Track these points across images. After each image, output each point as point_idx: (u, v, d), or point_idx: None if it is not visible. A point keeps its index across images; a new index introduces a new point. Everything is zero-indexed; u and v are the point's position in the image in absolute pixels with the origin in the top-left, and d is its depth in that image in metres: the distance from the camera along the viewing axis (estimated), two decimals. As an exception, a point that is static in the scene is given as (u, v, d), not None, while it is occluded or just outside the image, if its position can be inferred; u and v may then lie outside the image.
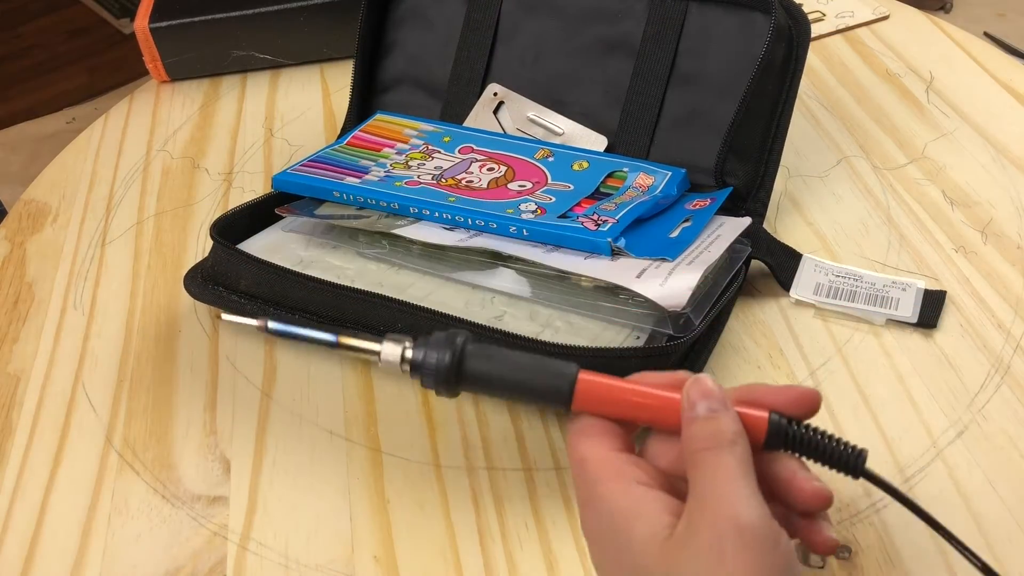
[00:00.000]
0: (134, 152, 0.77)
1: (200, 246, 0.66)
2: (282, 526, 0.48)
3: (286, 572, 0.46)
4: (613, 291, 0.52)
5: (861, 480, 0.37)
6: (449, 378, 0.38)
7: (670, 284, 0.50)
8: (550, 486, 0.48)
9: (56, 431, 0.54)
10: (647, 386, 0.37)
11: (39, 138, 2.01)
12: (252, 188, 0.71)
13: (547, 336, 0.51)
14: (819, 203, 0.64)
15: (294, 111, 0.80)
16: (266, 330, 0.41)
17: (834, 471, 0.38)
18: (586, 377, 0.38)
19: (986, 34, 1.97)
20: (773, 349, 0.54)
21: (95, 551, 0.47)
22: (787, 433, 0.37)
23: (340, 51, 0.85)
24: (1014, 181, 0.65)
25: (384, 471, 0.50)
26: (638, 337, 0.51)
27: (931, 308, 0.55)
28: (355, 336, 0.40)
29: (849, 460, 0.37)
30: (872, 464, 0.47)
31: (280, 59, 0.85)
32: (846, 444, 0.37)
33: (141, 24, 0.82)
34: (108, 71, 2.22)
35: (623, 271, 0.51)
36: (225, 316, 0.42)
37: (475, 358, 0.38)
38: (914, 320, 0.55)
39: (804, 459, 0.38)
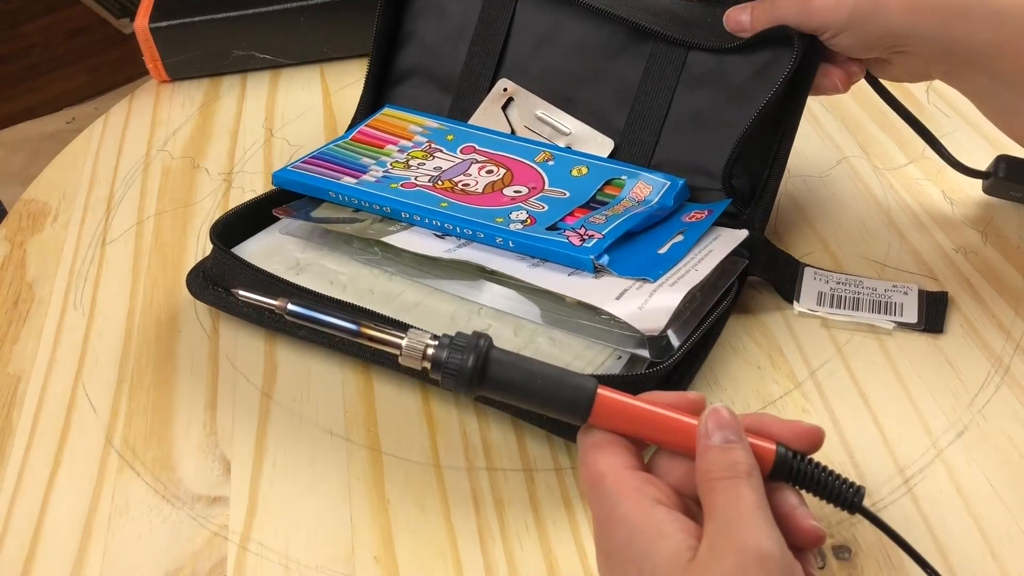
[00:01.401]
0: (134, 152, 0.77)
1: (200, 246, 0.66)
2: (282, 526, 0.48)
3: (286, 572, 0.46)
4: (595, 309, 0.51)
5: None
6: (471, 380, 0.38)
7: (649, 306, 0.49)
8: (550, 486, 0.48)
9: (56, 431, 0.54)
10: (662, 407, 0.38)
11: (39, 138, 2.01)
12: (252, 188, 0.71)
13: (529, 352, 0.51)
14: (819, 203, 0.64)
15: (294, 111, 0.80)
16: (286, 312, 0.40)
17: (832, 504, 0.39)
18: (605, 393, 0.38)
19: (986, 34, 1.96)
20: (773, 350, 0.54)
21: (95, 551, 0.47)
22: (792, 466, 0.38)
23: (340, 51, 0.85)
24: (1014, 181, 0.65)
25: (384, 471, 0.50)
26: (619, 357, 0.51)
27: (935, 311, 0.55)
28: (377, 327, 0.40)
29: (848, 497, 0.38)
30: (872, 464, 0.47)
31: (280, 59, 0.85)
32: (846, 481, 0.38)
33: (141, 24, 0.82)
34: (108, 71, 2.22)
35: (603, 291, 0.51)
36: (242, 293, 0.41)
37: (498, 364, 0.39)
38: (921, 326, 0.54)
39: (803, 492, 0.39)
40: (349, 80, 0.83)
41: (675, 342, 0.50)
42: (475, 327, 0.52)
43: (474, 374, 0.38)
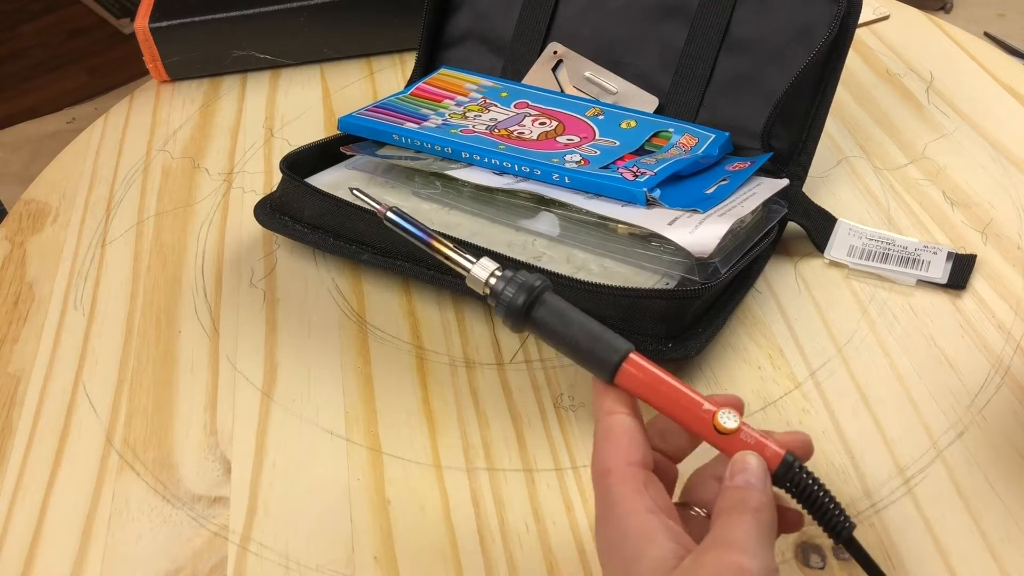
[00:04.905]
0: (134, 152, 0.77)
1: (200, 246, 0.66)
2: (282, 526, 0.48)
3: (286, 572, 0.46)
4: (646, 239, 0.55)
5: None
6: (517, 316, 0.41)
7: (699, 232, 0.52)
8: (550, 486, 0.48)
9: (56, 431, 0.54)
10: (685, 387, 0.39)
11: (39, 138, 2.01)
12: (252, 188, 0.71)
13: (581, 277, 0.53)
14: (819, 204, 0.64)
15: (294, 111, 0.80)
16: (385, 217, 0.44)
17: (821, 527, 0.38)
18: (636, 358, 0.40)
19: (986, 34, 1.97)
20: (773, 350, 0.54)
21: (95, 552, 0.47)
22: (794, 475, 0.37)
23: (340, 51, 0.85)
24: (1014, 181, 0.65)
25: (384, 471, 0.50)
26: (667, 283, 0.54)
27: (961, 270, 0.57)
28: (453, 248, 0.43)
29: (838, 525, 0.37)
30: (872, 465, 0.47)
31: (280, 59, 0.85)
32: (842, 510, 0.37)
33: (141, 24, 0.82)
34: (108, 71, 2.22)
35: (656, 219, 0.54)
36: (356, 191, 0.46)
37: (546, 307, 0.41)
38: (944, 281, 0.56)
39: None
40: (349, 80, 0.83)
41: (721, 269, 0.52)
42: (529, 255, 0.56)
43: (522, 311, 0.41)
